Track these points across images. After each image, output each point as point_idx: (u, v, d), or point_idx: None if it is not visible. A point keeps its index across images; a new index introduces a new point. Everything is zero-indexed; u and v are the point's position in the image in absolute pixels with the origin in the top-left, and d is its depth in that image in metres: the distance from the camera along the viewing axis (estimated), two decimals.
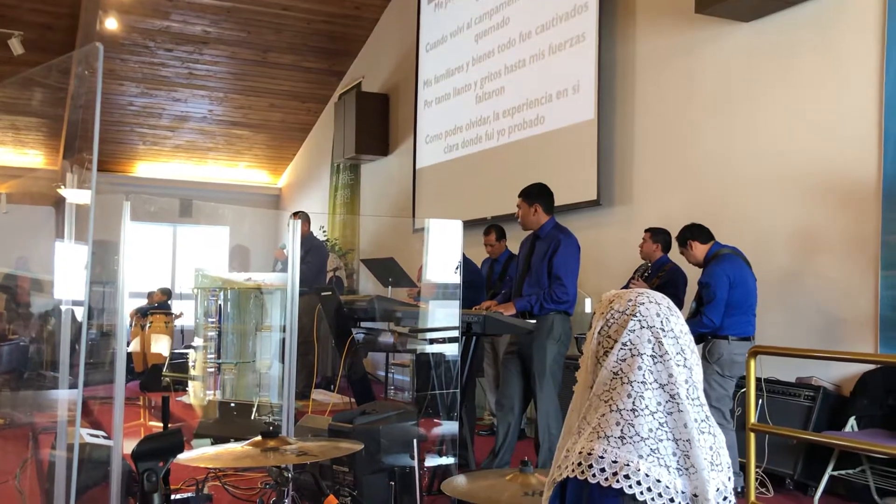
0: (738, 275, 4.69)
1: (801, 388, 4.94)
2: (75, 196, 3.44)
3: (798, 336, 5.19)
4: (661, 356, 1.49)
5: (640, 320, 1.51)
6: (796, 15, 5.43)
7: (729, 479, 1.50)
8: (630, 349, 1.50)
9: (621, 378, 1.48)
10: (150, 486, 1.68)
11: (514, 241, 6.59)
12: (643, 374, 1.47)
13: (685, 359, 1.50)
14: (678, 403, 1.46)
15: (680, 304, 5.39)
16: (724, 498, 1.47)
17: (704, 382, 4.74)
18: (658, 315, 1.52)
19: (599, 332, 1.55)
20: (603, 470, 1.42)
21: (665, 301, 1.56)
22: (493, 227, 6.67)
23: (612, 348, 1.52)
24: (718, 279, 4.65)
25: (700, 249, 4.85)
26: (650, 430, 1.44)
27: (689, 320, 4.74)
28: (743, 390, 4.44)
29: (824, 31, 5.26)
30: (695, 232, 4.89)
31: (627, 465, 1.41)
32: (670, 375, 1.47)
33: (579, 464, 1.44)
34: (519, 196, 5.09)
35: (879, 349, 4.77)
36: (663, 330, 1.51)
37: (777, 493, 4.79)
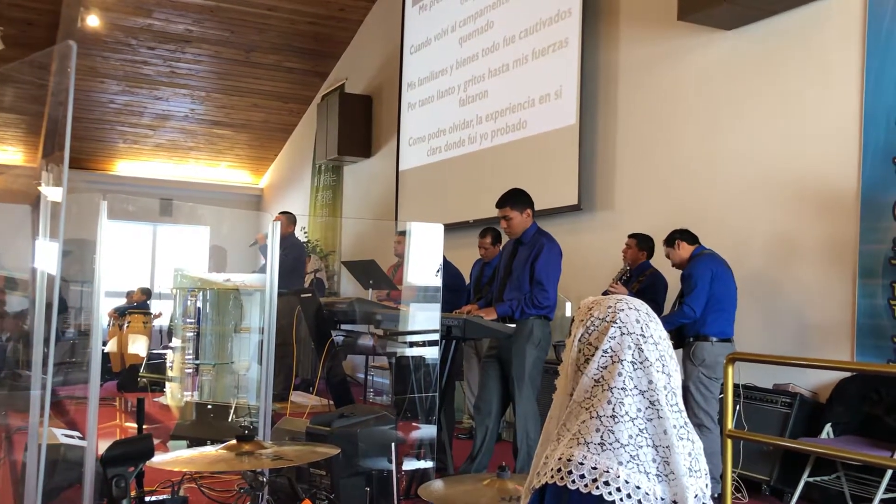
0: (720, 270, 4.85)
1: (778, 394, 4.97)
2: (53, 194, 3.40)
3: (775, 342, 5.23)
4: (641, 362, 1.49)
5: (620, 327, 1.52)
6: (778, 24, 5.47)
7: (706, 485, 1.50)
8: (611, 356, 1.50)
9: (602, 385, 1.48)
10: (118, 491, 1.65)
11: None
12: (623, 381, 1.47)
13: (664, 365, 1.50)
14: (658, 410, 1.46)
15: (659, 310, 5.41)
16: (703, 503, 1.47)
17: (692, 386, 4.77)
18: (638, 321, 1.52)
19: (580, 340, 1.55)
20: (583, 476, 1.42)
21: (644, 307, 1.57)
22: (489, 231, 6.55)
23: (593, 355, 1.52)
24: (701, 270, 4.80)
25: (686, 249, 5.00)
26: (630, 437, 1.44)
27: (669, 313, 4.86)
28: (721, 396, 4.46)
29: (806, 40, 5.31)
30: (684, 234, 5.06)
31: (607, 471, 1.41)
32: (650, 382, 1.47)
33: (559, 469, 1.44)
34: (504, 205, 4.99)
35: (856, 357, 4.81)
36: (643, 336, 1.51)
37: (753, 498, 4.81)
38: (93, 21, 10.11)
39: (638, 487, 1.41)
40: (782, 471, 4.75)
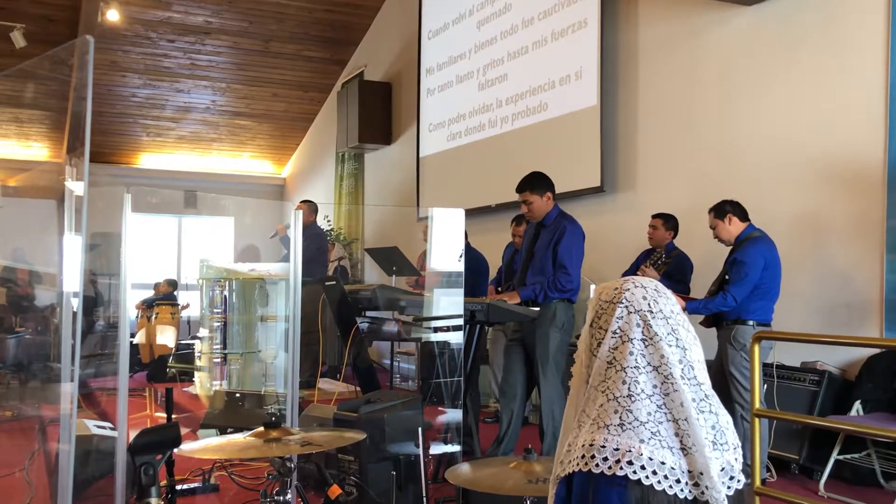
0: (771, 257, 4.58)
1: (807, 372, 4.93)
2: (77, 188, 3.43)
3: (803, 320, 5.18)
4: (650, 338, 1.49)
5: (626, 306, 1.52)
6: None
7: (736, 459, 1.48)
8: (620, 336, 1.50)
9: (615, 366, 1.49)
10: (147, 479, 1.67)
11: None
12: (635, 359, 1.48)
13: (678, 339, 1.49)
14: (672, 383, 1.46)
15: (687, 291, 5.37)
16: (731, 477, 1.47)
17: (734, 370, 4.63)
18: (645, 298, 1.52)
19: (591, 325, 1.56)
20: (606, 459, 1.42)
21: (652, 284, 1.56)
22: (523, 217, 6.50)
23: (603, 339, 1.52)
24: (754, 259, 4.52)
25: (737, 226, 4.70)
26: (648, 414, 1.44)
27: (709, 299, 4.63)
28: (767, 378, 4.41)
29: (828, 14, 5.22)
30: (736, 207, 4.74)
31: (629, 451, 1.41)
32: (662, 356, 1.47)
33: (583, 456, 1.45)
34: (524, 190, 4.96)
35: (884, 333, 4.75)
36: (651, 312, 1.51)
37: (783, 477, 4.78)
38: (112, 15, 10.17)
39: (663, 463, 1.42)
40: (811, 449, 4.72)
